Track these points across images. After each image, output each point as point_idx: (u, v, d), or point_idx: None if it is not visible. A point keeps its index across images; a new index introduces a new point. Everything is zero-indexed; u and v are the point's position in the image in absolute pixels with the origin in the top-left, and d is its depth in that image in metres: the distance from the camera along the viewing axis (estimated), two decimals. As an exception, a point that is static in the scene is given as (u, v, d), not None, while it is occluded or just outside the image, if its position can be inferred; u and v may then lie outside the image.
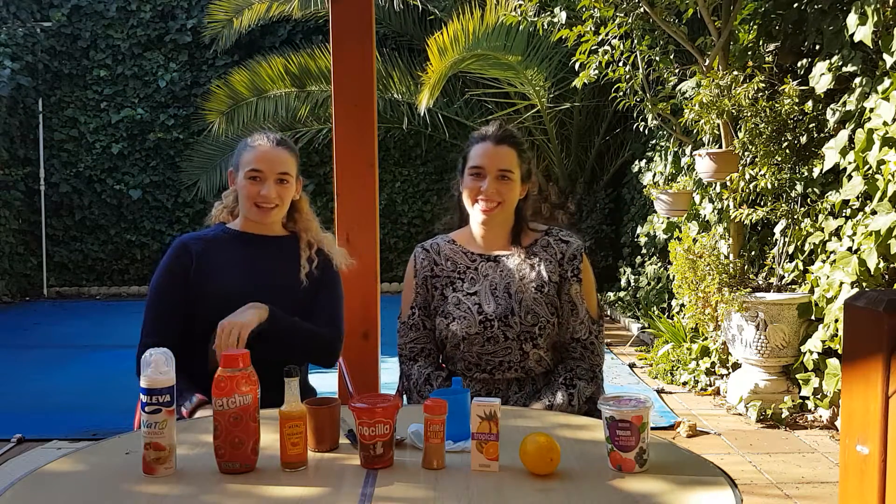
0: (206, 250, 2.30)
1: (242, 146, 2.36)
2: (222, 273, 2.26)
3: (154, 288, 2.28)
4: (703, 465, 1.60)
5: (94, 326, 8.15)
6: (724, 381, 4.93)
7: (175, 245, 2.33)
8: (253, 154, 2.29)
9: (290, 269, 2.31)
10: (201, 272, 2.26)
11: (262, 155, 2.28)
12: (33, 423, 4.37)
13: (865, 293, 1.43)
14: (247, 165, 2.29)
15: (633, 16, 5.02)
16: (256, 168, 2.27)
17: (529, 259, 2.24)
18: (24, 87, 9.29)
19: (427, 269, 2.30)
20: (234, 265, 2.29)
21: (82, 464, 1.65)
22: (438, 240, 2.36)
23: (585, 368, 2.20)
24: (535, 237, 2.29)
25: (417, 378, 2.22)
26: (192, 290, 2.24)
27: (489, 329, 2.18)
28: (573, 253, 2.24)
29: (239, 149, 2.37)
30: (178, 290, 2.25)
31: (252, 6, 8.80)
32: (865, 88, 3.92)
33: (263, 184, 2.27)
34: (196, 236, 2.37)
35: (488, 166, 2.22)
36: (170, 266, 2.28)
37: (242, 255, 2.31)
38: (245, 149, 2.34)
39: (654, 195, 5.37)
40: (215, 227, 2.40)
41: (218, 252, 2.30)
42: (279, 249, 2.34)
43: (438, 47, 6.85)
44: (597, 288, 2.32)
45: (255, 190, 2.27)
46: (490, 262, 2.26)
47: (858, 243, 3.79)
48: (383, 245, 9.46)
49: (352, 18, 3.02)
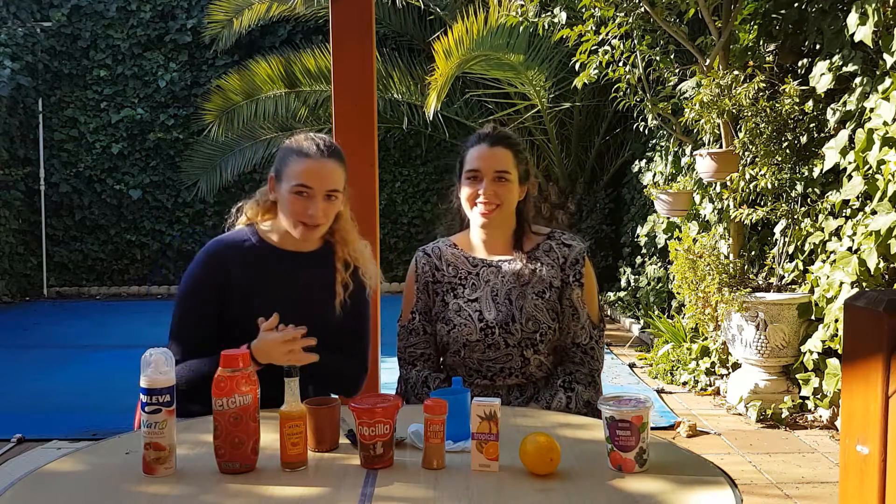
0: (243, 271, 2.12)
1: (288, 151, 2.13)
2: (259, 299, 2.10)
3: (182, 297, 2.13)
4: (703, 465, 1.60)
5: (94, 326, 8.15)
6: (724, 381, 4.93)
7: (209, 254, 2.15)
8: (301, 166, 2.07)
9: (325, 297, 2.17)
10: (235, 294, 2.10)
11: (311, 169, 2.07)
12: (33, 423, 4.37)
13: (865, 293, 1.43)
14: (293, 179, 2.07)
15: (633, 15, 5.02)
16: (305, 184, 2.06)
17: (531, 264, 2.21)
18: (24, 87, 9.29)
19: (428, 274, 2.28)
20: (272, 291, 2.13)
21: (82, 464, 1.65)
22: (440, 243, 2.33)
23: (585, 373, 2.19)
24: (537, 241, 2.26)
25: (415, 381, 2.21)
26: (225, 310, 2.10)
27: (490, 336, 2.16)
28: (575, 257, 2.22)
29: (284, 153, 2.14)
30: (208, 305, 2.10)
31: (252, 6, 8.80)
32: (866, 88, 3.92)
33: (311, 200, 2.06)
34: (231, 248, 2.16)
35: (484, 168, 2.19)
36: (200, 278, 2.13)
37: (279, 279, 2.14)
38: (291, 156, 2.11)
39: (655, 195, 5.37)
40: (247, 233, 2.19)
41: (254, 272, 2.13)
42: (316, 269, 2.18)
43: (444, 50, 6.86)
44: (597, 288, 2.31)
45: (301, 207, 2.07)
46: (491, 268, 2.23)
47: (858, 243, 3.79)
48: (383, 245, 9.46)
49: (352, 18, 3.02)
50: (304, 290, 2.16)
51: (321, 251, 2.21)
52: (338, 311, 2.18)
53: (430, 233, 9.54)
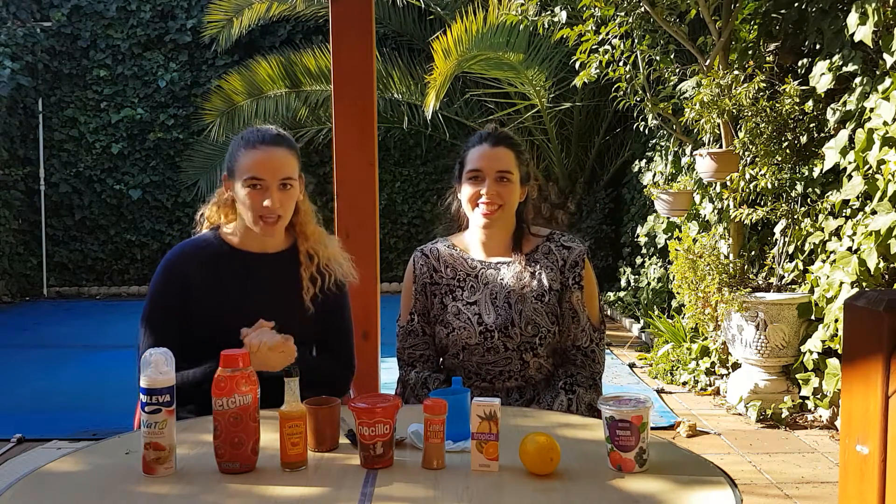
0: (203, 276, 2.09)
1: (236, 146, 2.09)
2: (221, 304, 2.08)
3: (145, 311, 2.11)
4: (703, 465, 1.60)
5: (94, 326, 8.15)
6: (723, 381, 4.93)
7: (166, 267, 2.12)
8: (250, 158, 2.04)
9: (294, 295, 2.13)
10: (197, 300, 2.08)
11: (260, 159, 2.03)
12: (33, 423, 4.37)
13: (865, 293, 1.43)
14: (245, 172, 2.04)
15: (633, 15, 5.02)
16: (256, 176, 2.02)
17: (530, 266, 2.19)
18: (23, 87, 9.29)
19: (426, 275, 2.26)
20: (235, 295, 2.10)
21: (82, 464, 1.65)
22: (438, 244, 2.31)
23: (586, 376, 2.18)
24: (536, 243, 2.24)
25: (415, 382, 2.21)
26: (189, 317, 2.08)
27: (489, 340, 2.15)
28: (575, 259, 2.20)
29: (232, 149, 2.11)
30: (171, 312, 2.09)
31: (252, 6, 8.80)
32: (866, 88, 3.92)
33: (265, 192, 2.02)
34: (190, 254, 2.14)
35: (487, 168, 2.17)
36: (160, 290, 2.11)
37: (242, 282, 2.11)
38: (239, 151, 2.07)
39: (655, 195, 5.37)
40: (210, 236, 2.18)
41: (215, 277, 2.10)
42: (283, 268, 2.15)
43: (443, 49, 6.85)
44: (598, 290, 2.29)
45: (257, 200, 2.03)
46: (490, 270, 2.22)
47: (858, 243, 3.79)
48: (383, 245, 9.46)
49: (352, 18, 3.02)
50: (270, 291, 2.12)
51: (288, 251, 2.18)
52: (308, 307, 2.14)
53: (430, 233, 9.53)
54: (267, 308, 2.05)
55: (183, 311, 2.08)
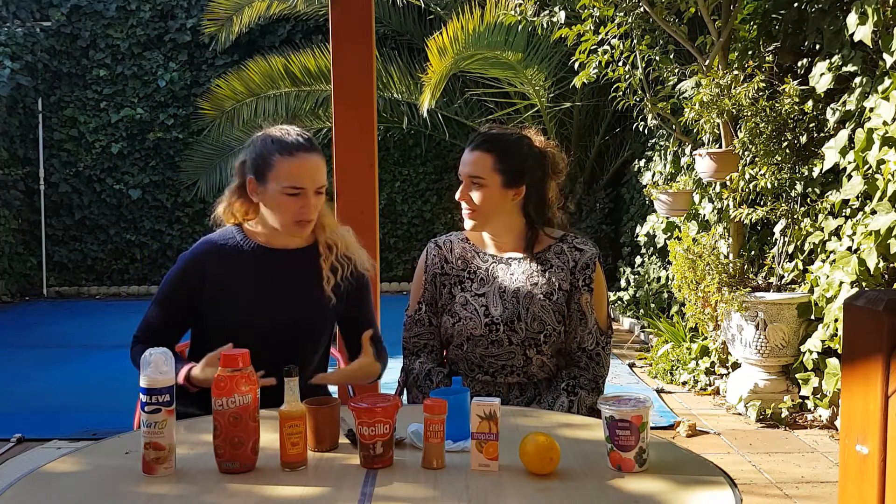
0: (225, 273, 2.11)
1: (268, 151, 2.06)
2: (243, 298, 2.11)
3: (158, 295, 2.16)
4: (703, 464, 1.60)
5: (94, 326, 8.15)
6: (723, 381, 4.93)
7: (188, 258, 2.15)
8: (290, 166, 2.03)
9: (315, 286, 2.15)
10: (216, 296, 2.10)
11: (301, 168, 2.03)
12: (33, 423, 4.37)
13: (865, 293, 1.43)
14: (285, 180, 2.02)
15: (632, 15, 5.02)
16: (298, 186, 2.03)
17: (541, 265, 2.20)
18: (23, 87, 9.29)
19: (437, 265, 2.28)
20: (259, 291, 2.12)
21: (82, 464, 1.65)
22: (452, 236, 2.34)
23: (589, 378, 2.18)
24: (548, 243, 2.24)
25: (419, 373, 2.22)
26: (207, 314, 2.11)
27: (494, 332, 2.16)
28: (586, 262, 2.20)
29: (263, 153, 2.07)
30: (181, 301, 2.13)
31: (252, 4, 8.79)
32: (865, 88, 3.92)
33: (304, 199, 2.04)
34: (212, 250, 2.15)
35: (462, 174, 2.21)
36: (177, 279, 2.14)
37: (265, 276, 2.13)
38: (273, 156, 2.04)
39: (654, 195, 5.37)
40: (233, 233, 2.18)
41: (238, 274, 2.12)
42: (304, 262, 2.17)
43: (438, 47, 6.85)
44: (607, 296, 2.28)
45: (295, 206, 2.04)
46: (501, 265, 2.23)
47: (858, 243, 3.80)
48: (383, 245, 9.45)
49: (351, 18, 3.02)
50: (294, 284, 2.16)
51: (311, 245, 2.21)
52: (330, 296, 2.16)
53: (430, 232, 9.54)
54: (288, 301, 2.12)
55: (192, 301, 2.12)
